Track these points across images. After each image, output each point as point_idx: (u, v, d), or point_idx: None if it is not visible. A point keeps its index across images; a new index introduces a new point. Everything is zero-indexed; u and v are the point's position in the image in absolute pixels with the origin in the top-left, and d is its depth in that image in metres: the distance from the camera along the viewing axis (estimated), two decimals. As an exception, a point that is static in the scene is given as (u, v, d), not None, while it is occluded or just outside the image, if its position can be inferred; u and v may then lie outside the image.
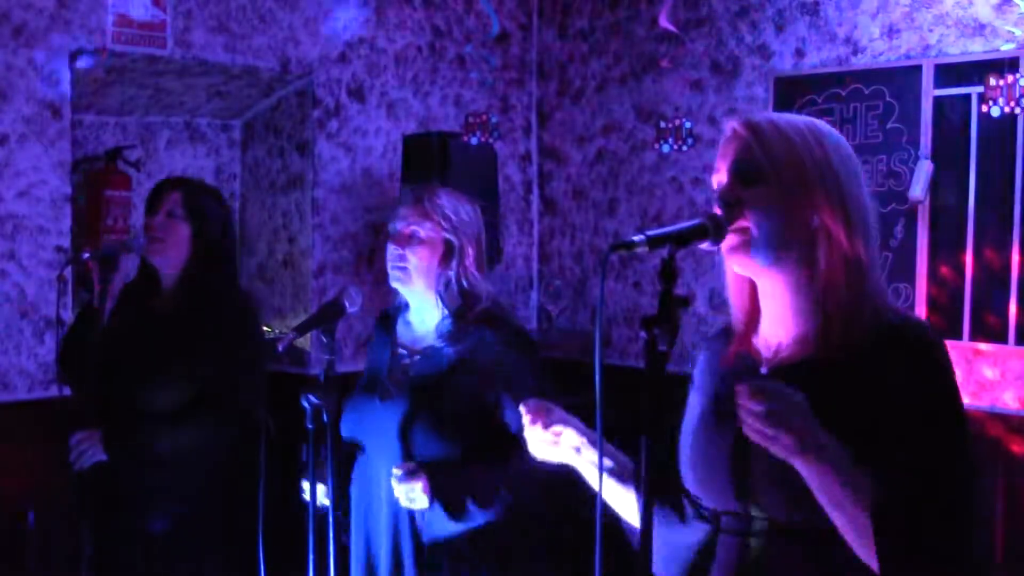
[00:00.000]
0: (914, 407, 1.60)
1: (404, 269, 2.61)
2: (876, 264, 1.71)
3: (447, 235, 2.62)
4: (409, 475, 2.44)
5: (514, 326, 2.69)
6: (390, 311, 2.78)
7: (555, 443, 1.88)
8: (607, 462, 1.87)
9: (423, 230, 2.61)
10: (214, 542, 2.98)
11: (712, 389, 1.82)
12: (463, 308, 2.62)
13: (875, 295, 1.68)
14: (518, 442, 2.54)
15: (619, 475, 1.88)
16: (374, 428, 2.61)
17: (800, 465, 1.54)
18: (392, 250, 2.62)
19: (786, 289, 1.71)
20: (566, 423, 1.88)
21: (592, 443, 1.85)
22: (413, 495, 2.44)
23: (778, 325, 1.74)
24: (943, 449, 1.60)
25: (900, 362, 1.62)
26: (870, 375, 1.62)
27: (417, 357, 2.64)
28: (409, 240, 2.61)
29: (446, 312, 2.63)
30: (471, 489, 2.50)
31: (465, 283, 2.63)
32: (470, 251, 2.63)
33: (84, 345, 3.07)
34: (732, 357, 1.79)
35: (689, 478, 1.78)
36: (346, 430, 2.66)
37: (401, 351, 2.69)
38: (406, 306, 2.73)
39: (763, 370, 1.73)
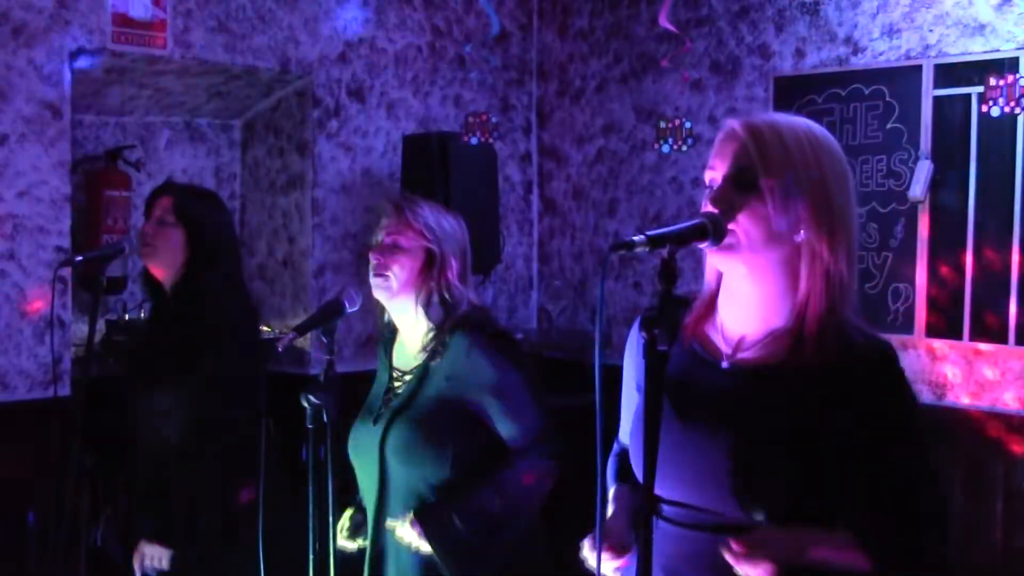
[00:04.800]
0: (886, 427, 1.67)
1: (386, 278, 2.57)
2: (855, 279, 1.74)
3: (429, 245, 2.57)
4: (402, 531, 2.44)
5: (490, 328, 2.61)
6: (387, 335, 2.75)
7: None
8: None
9: (404, 240, 2.56)
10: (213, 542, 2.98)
11: (667, 381, 1.80)
12: (443, 320, 2.58)
13: (849, 312, 1.71)
14: (511, 449, 2.54)
15: None
16: (363, 452, 2.61)
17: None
18: (374, 260, 2.59)
19: (761, 293, 1.72)
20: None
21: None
22: (415, 544, 2.44)
23: (743, 322, 1.75)
24: (917, 464, 1.70)
25: (868, 380, 1.67)
26: (836, 388, 1.66)
27: (407, 378, 2.62)
28: (391, 250, 2.57)
29: (430, 326, 2.60)
30: (462, 518, 2.45)
31: (447, 295, 2.58)
32: (453, 263, 2.58)
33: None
34: (685, 346, 1.79)
35: (635, 459, 1.77)
36: (350, 455, 2.66)
37: (396, 372, 2.67)
38: (396, 329, 2.70)
39: (724, 364, 1.74)
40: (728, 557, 1.59)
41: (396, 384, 2.64)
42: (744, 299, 1.74)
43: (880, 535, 1.65)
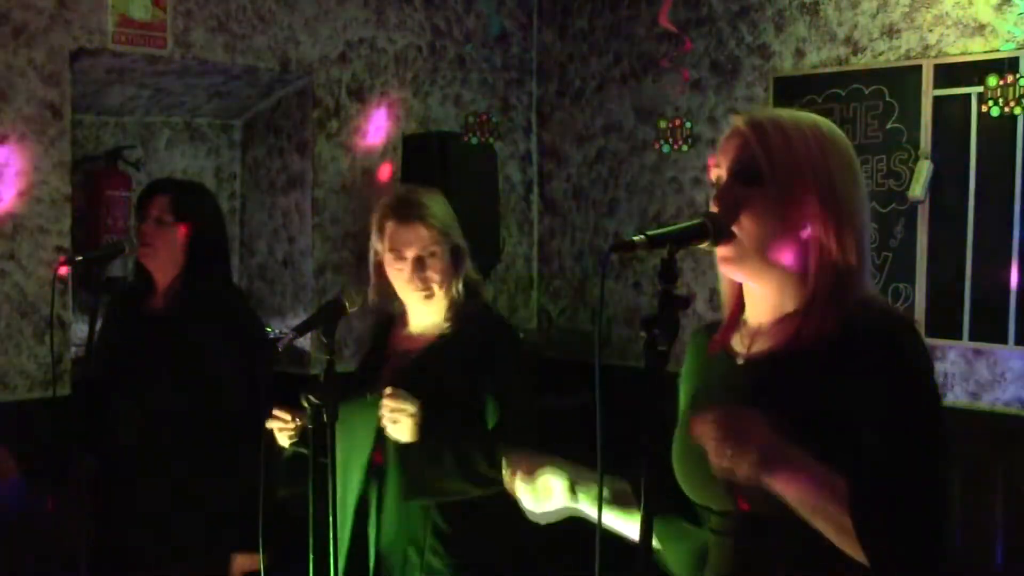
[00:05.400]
0: (883, 398, 1.60)
1: (430, 290, 2.62)
2: (866, 266, 1.71)
3: (453, 242, 2.64)
4: (401, 398, 2.42)
5: (503, 324, 2.76)
6: (383, 320, 2.77)
7: (547, 492, 1.86)
8: (606, 493, 1.84)
9: (434, 246, 2.61)
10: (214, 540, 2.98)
11: (693, 383, 1.83)
12: (463, 303, 2.66)
13: (861, 297, 1.68)
14: (499, 434, 2.57)
15: (621, 503, 1.86)
16: (358, 422, 2.60)
17: (772, 480, 1.53)
18: (411, 275, 2.61)
19: (773, 288, 1.71)
20: (551, 468, 1.86)
21: (584, 478, 1.85)
22: (398, 421, 2.42)
23: (760, 318, 1.75)
24: (915, 441, 1.60)
25: (866, 353, 1.61)
26: (834, 365, 1.62)
27: (412, 356, 2.64)
28: (427, 262, 2.61)
29: (447, 311, 2.65)
30: (455, 444, 2.49)
31: (468, 281, 2.68)
32: (467, 248, 2.67)
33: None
34: (714, 350, 1.80)
35: (678, 475, 1.77)
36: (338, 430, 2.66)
37: (396, 349, 2.69)
38: (403, 311, 2.72)
39: (739, 361, 1.74)
40: (698, 427, 1.54)
41: (395, 360, 2.65)
42: (759, 296, 1.74)
43: (873, 534, 1.56)
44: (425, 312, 2.67)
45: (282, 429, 2.53)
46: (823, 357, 1.64)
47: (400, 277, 2.62)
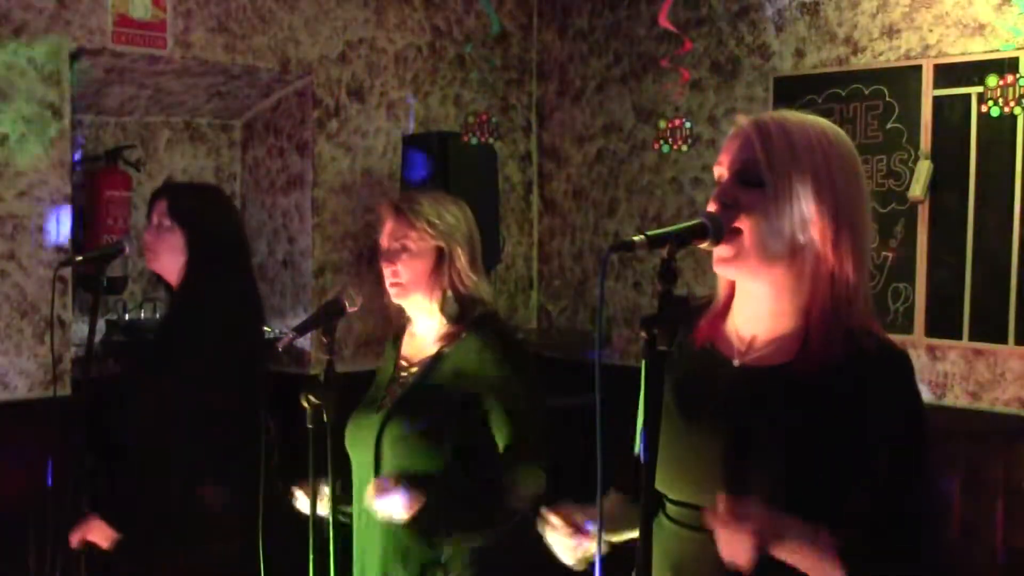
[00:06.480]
0: (887, 432, 1.63)
1: (400, 285, 2.58)
2: (864, 284, 1.71)
3: (435, 242, 2.58)
4: (385, 490, 2.36)
5: (505, 332, 2.66)
6: (399, 331, 2.74)
7: (579, 548, 1.86)
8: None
9: (410, 242, 2.57)
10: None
11: (677, 380, 1.79)
12: (460, 314, 2.59)
13: (858, 316, 1.68)
14: (504, 454, 2.54)
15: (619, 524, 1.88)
16: (360, 440, 2.60)
17: (777, 553, 1.57)
18: (386, 270, 2.59)
19: (769, 292, 1.71)
20: (583, 531, 1.85)
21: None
22: (391, 508, 2.37)
23: (755, 322, 1.74)
24: (912, 470, 1.65)
25: (876, 386, 1.63)
26: (840, 391, 1.63)
27: (415, 368, 2.63)
28: (399, 255, 2.57)
29: (444, 321, 2.61)
30: (453, 507, 2.45)
31: (461, 288, 2.59)
32: (461, 254, 2.59)
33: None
34: (699, 340, 1.79)
35: (661, 472, 1.75)
36: (347, 444, 2.65)
37: (403, 363, 2.67)
38: (409, 320, 2.70)
39: (735, 363, 1.73)
40: (711, 520, 1.56)
41: (402, 375, 2.64)
42: (754, 299, 1.73)
43: (862, 543, 1.61)
44: (424, 322, 2.65)
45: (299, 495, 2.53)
46: (825, 378, 1.64)
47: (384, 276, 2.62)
